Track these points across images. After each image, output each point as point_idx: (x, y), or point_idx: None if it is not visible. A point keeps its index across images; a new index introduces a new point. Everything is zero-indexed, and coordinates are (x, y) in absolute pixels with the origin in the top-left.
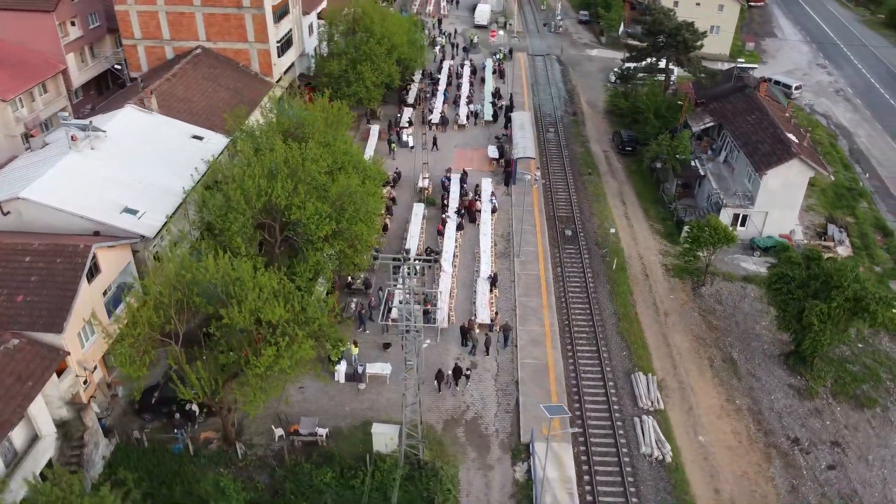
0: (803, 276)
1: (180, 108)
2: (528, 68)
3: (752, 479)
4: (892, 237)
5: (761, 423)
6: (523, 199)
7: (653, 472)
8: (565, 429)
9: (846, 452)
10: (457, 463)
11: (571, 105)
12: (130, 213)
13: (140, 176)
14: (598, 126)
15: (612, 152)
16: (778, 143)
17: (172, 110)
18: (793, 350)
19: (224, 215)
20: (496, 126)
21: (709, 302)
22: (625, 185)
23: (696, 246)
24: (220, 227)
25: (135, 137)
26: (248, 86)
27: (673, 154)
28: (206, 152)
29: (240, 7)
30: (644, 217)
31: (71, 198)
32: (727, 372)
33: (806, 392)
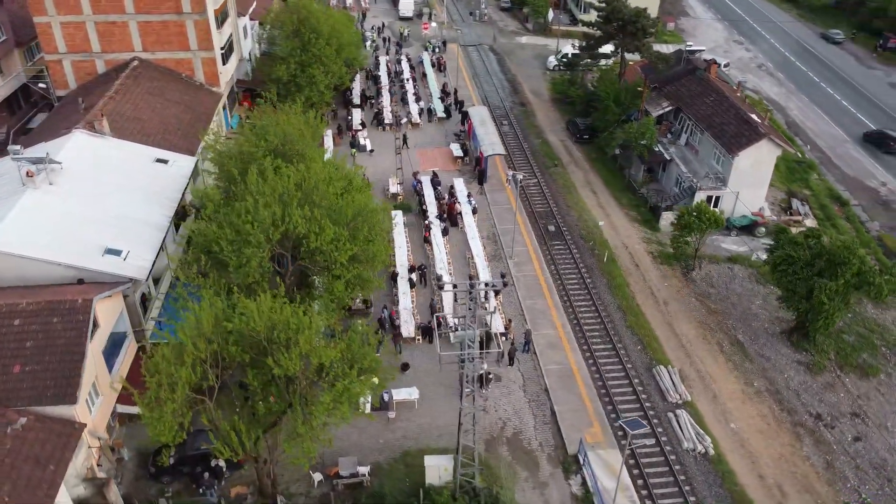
0: (808, 257)
1: (133, 129)
2: (465, 60)
3: (789, 460)
4: (847, 206)
5: (782, 402)
6: (498, 197)
7: (700, 466)
8: (639, 431)
9: (866, 422)
10: (511, 485)
11: (517, 96)
12: (114, 253)
13: (111, 209)
14: (549, 115)
15: (570, 142)
16: (743, 124)
17: (125, 132)
18: (795, 326)
19: (238, 251)
20: (450, 123)
21: (701, 286)
22: (590, 175)
23: (686, 232)
24: (235, 265)
25: (93, 166)
26: (196, 98)
27: (639, 140)
28: (175, 177)
29: (180, 13)
30: (617, 206)
31: (43, 243)
32: (738, 355)
33: (814, 367)
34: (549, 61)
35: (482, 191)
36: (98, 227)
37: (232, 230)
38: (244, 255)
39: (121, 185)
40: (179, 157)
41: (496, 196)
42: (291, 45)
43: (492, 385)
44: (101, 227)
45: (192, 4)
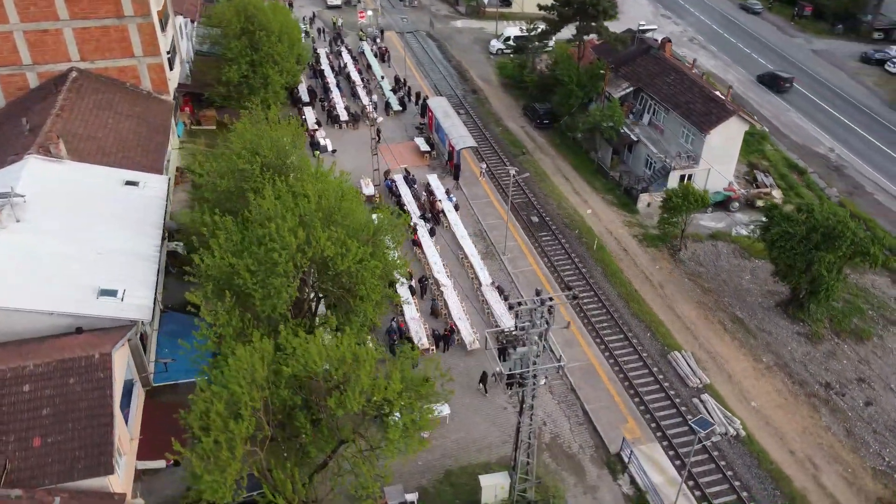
0: (803, 232)
1: (89, 150)
2: (405, 48)
3: (812, 432)
4: (806, 174)
5: (792, 375)
6: (475, 191)
7: (735, 449)
8: (708, 431)
9: (872, 386)
10: (562, 493)
11: (466, 83)
12: (109, 294)
13: (92, 244)
14: (503, 102)
15: (529, 128)
16: (710, 101)
17: (81, 153)
18: (789, 298)
19: (262, 280)
20: (407, 116)
21: (690, 266)
22: (559, 161)
23: (673, 213)
24: (260, 297)
25: (58, 196)
26: (148, 109)
27: (607, 123)
28: (151, 200)
29: (121, 17)
30: (592, 191)
31: (27, 290)
32: (741, 332)
33: (813, 336)
34: (492, 45)
35: (457, 186)
36: (83, 265)
37: (253, 260)
38: (271, 286)
39: (95, 215)
40: (148, 176)
41: (473, 190)
42: (240, 45)
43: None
44: (87, 265)
45: (133, 7)
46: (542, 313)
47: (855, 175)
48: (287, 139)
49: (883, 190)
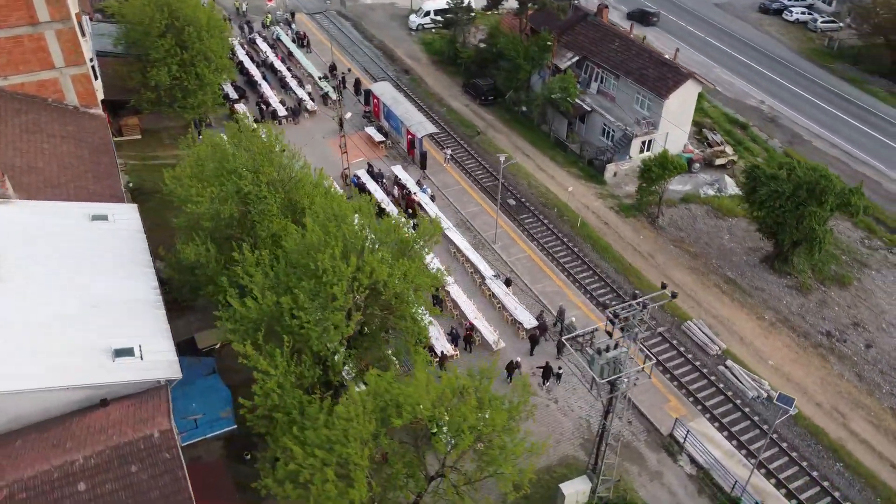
0: (790, 189)
1: (35, 184)
2: (321, 31)
3: (829, 381)
4: (748, 128)
5: (795, 329)
6: (444, 179)
7: (770, 411)
8: (787, 408)
9: (867, 328)
10: (631, 485)
11: (395, 63)
12: (126, 354)
13: (84, 296)
14: (439, 80)
15: (474, 105)
16: (662, 66)
17: (28, 189)
18: (773, 253)
19: (320, 318)
20: (346, 104)
21: (672, 232)
22: (514, 138)
23: (651, 183)
24: (318, 334)
25: (24, 242)
26: (81, 126)
27: (563, 95)
28: (128, 234)
29: (35, 24)
30: (556, 165)
31: (31, 364)
32: (737, 292)
33: (802, 288)
34: (412, 21)
35: (425, 175)
36: (84, 323)
37: (305, 295)
38: (329, 321)
39: (72, 261)
40: (113, 207)
41: (441, 178)
42: (166, 43)
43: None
44: (88, 322)
45: (50, 11)
46: (642, 316)
47: (789, 125)
48: (279, 148)
49: (818, 137)
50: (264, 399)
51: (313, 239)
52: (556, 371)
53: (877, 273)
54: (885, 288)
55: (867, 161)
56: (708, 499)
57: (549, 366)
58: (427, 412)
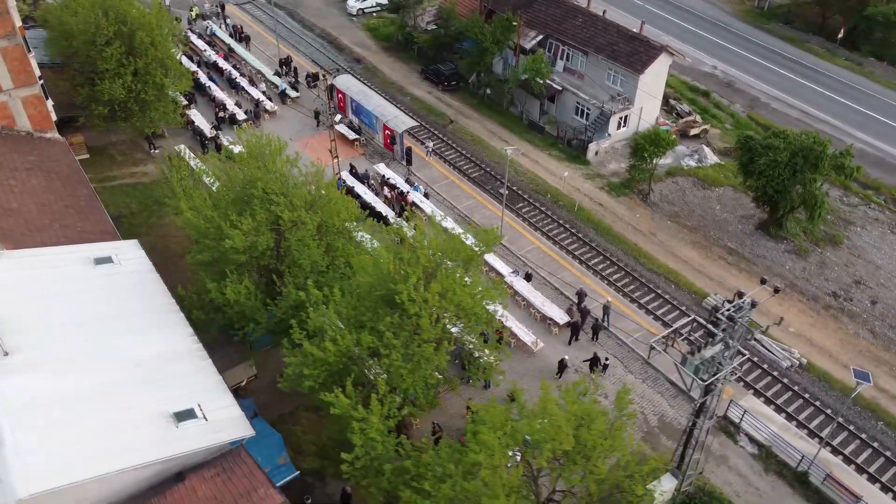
0: (786, 157)
1: (16, 228)
2: (255, 22)
3: (847, 341)
4: (710, 95)
5: (804, 292)
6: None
7: (805, 378)
8: (865, 382)
9: (868, 285)
10: (704, 473)
11: (344, 53)
12: (188, 417)
13: (117, 356)
14: (395, 68)
15: (437, 92)
16: (633, 40)
17: (10, 235)
18: (768, 220)
19: (408, 353)
20: (305, 101)
21: (665, 207)
22: (487, 123)
23: (644, 160)
24: (409, 370)
25: (29, 299)
26: (43, 155)
27: (535, 76)
28: (140, 276)
29: None
30: (535, 148)
31: (90, 446)
32: (742, 262)
33: (800, 251)
34: (350, 6)
35: (410, 171)
36: (131, 389)
37: (390, 330)
38: (420, 356)
39: (93, 317)
40: (113, 246)
41: (426, 173)
42: (116, 52)
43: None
44: (135, 387)
45: None
46: (748, 314)
47: (746, 89)
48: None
49: (775, 99)
50: (367, 449)
51: (389, 268)
52: (603, 362)
53: (862, 229)
54: (873, 243)
55: (825, 119)
56: (776, 476)
57: (596, 356)
58: (569, 446)
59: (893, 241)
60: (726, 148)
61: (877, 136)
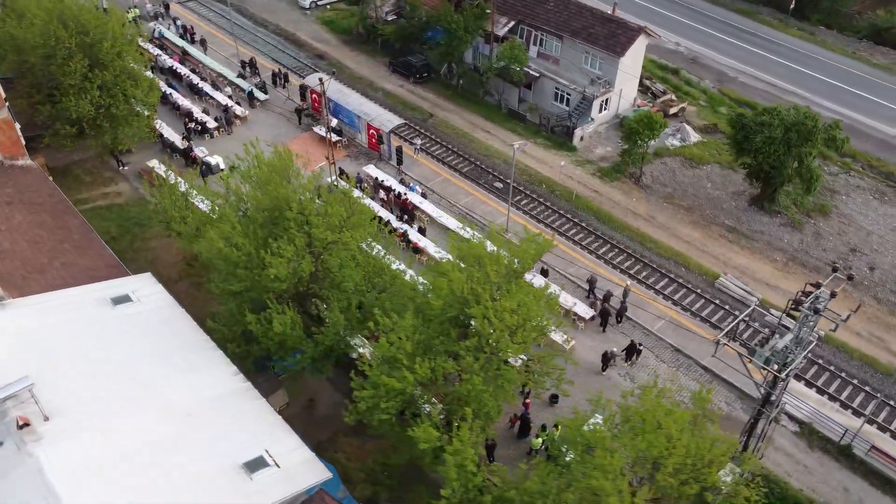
0: (780, 134)
1: (15, 272)
2: (204, 21)
3: (860, 314)
4: (680, 72)
5: (805, 265)
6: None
7: (826, 350)
8: None
9: (864, 252)
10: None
11: (304, 48)
12: (260, 466)
13: (167, 405)
14: (361, 62)
15: (409, 85)
16: (609, 22)
17: (11, 281)
18: (760, 195)
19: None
20: (275, 103)
21: (658, 189)
22: (466, 114)
23: (637, 145)
24: (489, 395)
25: (58, 357)
26: (21, 185)
27: (513, 63)
28: (164, 312)
29: None
30: (519, 138)
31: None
32: (743, 239)
33: (795, 224)
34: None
35: (401, 172)
36: (189, 441)
37: (471, 355)
38: (505, 380)
39: (128, 365)
40: (127, 283)
41: (417, 171)
42: (79, 65)
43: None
44: (193, 438)
45: None
46: (826, 302)
47: (711, 64)
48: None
49: (742, 73)
50: (464, 480)
51: (464, 290)
52: (638, 347)
53: (847, 197)
54: (860, 210)
55: (793, 90)
56: (821, 451)
57: (633, 343)
58: (690, 458)
59: (877, 206)
60: (706, 125)
61: (843, 105)
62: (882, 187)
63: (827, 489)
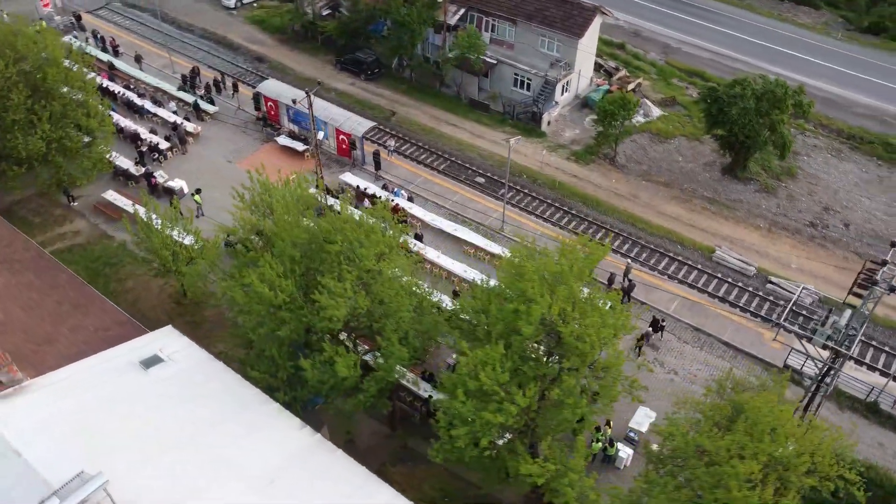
0: (754, 103)
1: (23, 346)
2: (123, 31)
3: (842, 266)
4: (625, 46)
5: (786, 228)
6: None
7: (823, 310)
8: None
9: (836, 209)
10: None
11: (239, 52)
12: None
13: (246, 475)
14: (304, 62)
15: (361, 82)
16: (563, 4)
17: (22, 357)
18: (731, 164)
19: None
20: (225, 115)
21: (633, 167)
22: (427, 108)
23: (612, 126)
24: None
25: (109, 431)
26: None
27: (472, 53)
28: (204, 369)
29: None
30: (486, 128)
31: None
32: (724, 210)
33: (768, 189)
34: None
35: (379, 177)
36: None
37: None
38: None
39: (181, 433)
40: (151, 341)
41: (397, 174)
42: (21, 98)
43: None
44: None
45: None
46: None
47: (653, 37)
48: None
49: (685, 43)
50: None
51: (552, 310)
52: (661, 323)
53: (808, 157)
54: (822, 169)
55: (736, 56)
56: (850, 411)
57: (655, 319)
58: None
59: (837, 163)
60: (664, 99)
61: (786, 68)
62: (836, 145)
63: (863, 447)
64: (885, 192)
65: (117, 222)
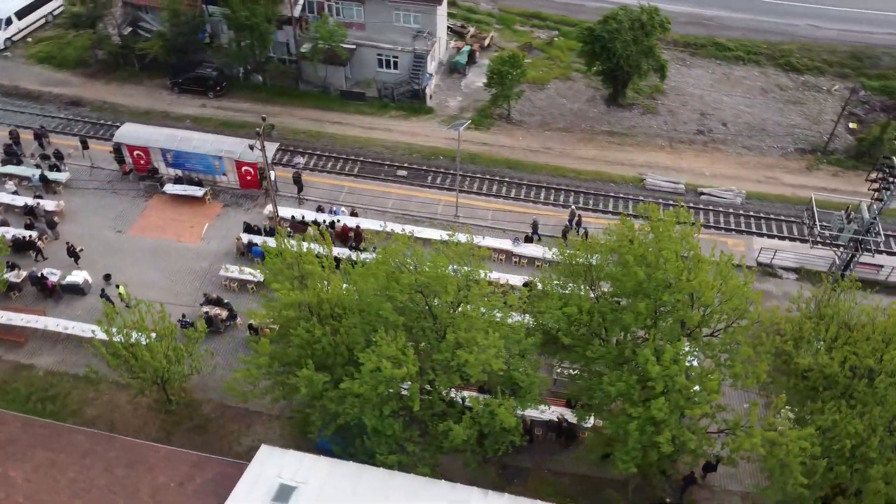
0: (631, 36)
1: None
2: None
3: (742, 162)
4: (457, 3)
5: (682, 140)
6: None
7: (755, 204)
8: None
9: (709, 112)
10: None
11: (44, 101)
12: None
13: None
14: (130, 94)
15: (214, 102)
16: None
17: None
18: (612, 94)
19: None
20: (83, 179)
21: (529, 121)
22: (299, 112)
23: (505, 85)
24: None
25: None
26: None
27: (336, 42)
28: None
29: None
30: (375, 117)
31: None
32: (627, 139)
33: (650, 110)
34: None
35: (302, 200)
36: None
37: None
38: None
39: None
40: (260, 471)
41: (319, 193)
42: None
43: None
44: None
45: None
46: None
47: None
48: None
49: None
50: None
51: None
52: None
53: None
54: (685, 79)
55: None
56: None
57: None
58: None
59: (688, 71)
60: (520, 46)
61: None
62: (678, 55)
63: None
64: (736, 87)
65: (22, 348)
